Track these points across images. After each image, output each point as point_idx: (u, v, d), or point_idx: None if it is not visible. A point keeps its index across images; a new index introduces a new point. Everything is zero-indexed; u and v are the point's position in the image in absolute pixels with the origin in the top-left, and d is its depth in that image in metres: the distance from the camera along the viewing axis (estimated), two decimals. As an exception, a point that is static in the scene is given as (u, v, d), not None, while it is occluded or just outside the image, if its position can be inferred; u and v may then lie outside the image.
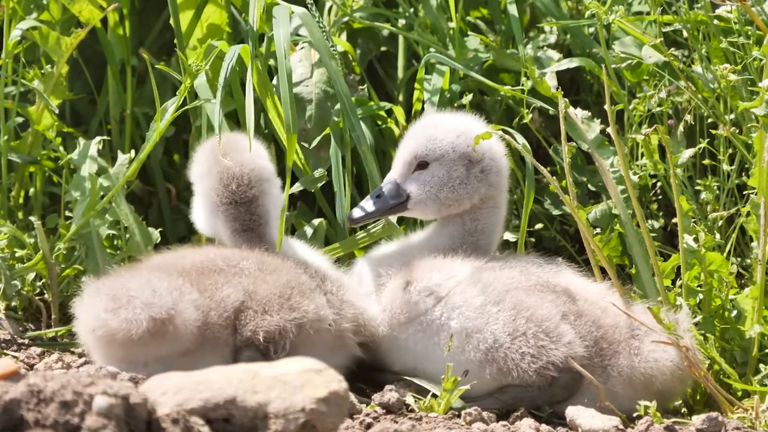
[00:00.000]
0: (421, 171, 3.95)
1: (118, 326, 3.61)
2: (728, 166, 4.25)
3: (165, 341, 3.63)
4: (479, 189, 3.95)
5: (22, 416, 2.73)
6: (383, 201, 3.96)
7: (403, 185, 3.97)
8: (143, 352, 3.66)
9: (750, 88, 4.14)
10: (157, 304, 3.61)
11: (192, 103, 4.19)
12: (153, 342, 3.62)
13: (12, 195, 4.63)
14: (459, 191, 3.94)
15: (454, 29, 4.62)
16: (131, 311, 3.60)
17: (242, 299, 3.73)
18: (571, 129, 4.16)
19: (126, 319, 3.60)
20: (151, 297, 3.62)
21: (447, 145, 3.93)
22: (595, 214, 4.26)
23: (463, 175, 3.94)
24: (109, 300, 3.64)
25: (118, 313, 3.61)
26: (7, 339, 4.18)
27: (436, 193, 3.94)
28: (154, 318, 3.60)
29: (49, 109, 4.47)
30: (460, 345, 3.81)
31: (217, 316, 3.71)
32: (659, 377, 3.80)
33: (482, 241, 3.99)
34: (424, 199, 3.95)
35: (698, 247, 3.94)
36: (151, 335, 3.61)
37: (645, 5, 4.53)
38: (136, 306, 3.61)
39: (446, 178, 3.94)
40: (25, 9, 4.59)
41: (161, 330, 3.61)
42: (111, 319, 3.61)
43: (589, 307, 3.84)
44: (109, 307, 3.63)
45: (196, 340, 3.68)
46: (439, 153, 3.94)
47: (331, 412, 2.90)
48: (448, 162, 3.94)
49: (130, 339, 3.61)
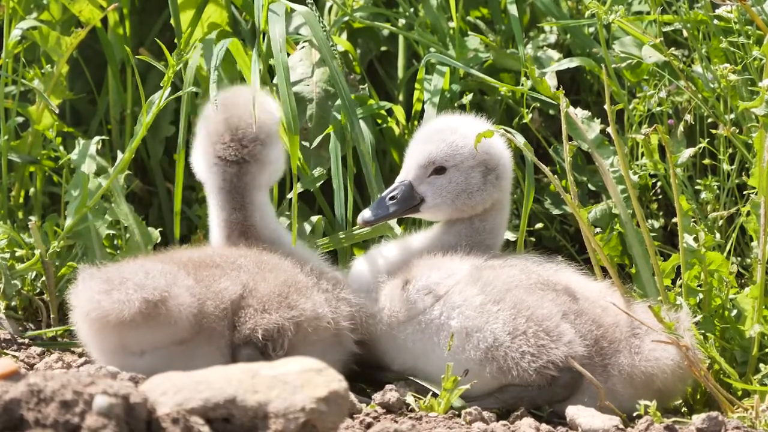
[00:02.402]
0: (438, 176, 3.94)
1: (110, 307, 3.60)
2: (728, 166, 4.25)
3: (158, 325, 3.63)
4: (493, 194, 3.97)
5: (22, 416, 2.73)
6: (397, 203, 3.95)
7: (417, 188, 3.96)
8: (137, 339, 3.65)
9: (750, 87, 4.14)
10: (150, 286, 3.61)
11: (175, 94, 4.17)
12: (146, 325, 3.62)
13: (12, 195, 4.63)
14: (475, 197, 3.94)
15: (454, 29, 4.62)
16: (124, 292, 3.60)
17: (240, 293, 3.73)
18: (571, 129, 4.16)
19: (118, 300, 3.60)
20: (144, 279, 3.63)
21: (467, 152, 3.93)
22: (595, 213, 4.26)
23: (480, 181, 3.94)
24: (102, 282, 3.65)
25: (110, 294, 3.61)
26: (7, 339, 4.18)
27: (453, 199, 3.94)
28: (146, 299, 3.60)
29: (49, 108, 4.47)
30: (460, 344, 3.81)
31: (213, 307, 3.70)
32: (660, 376, 3.80)
33: (489, 241, 4.00)
34: (439, 204, 3.94)
35: (698, 247, 3.94)
36: (144, 317, 3.60)
37: (645, 5, 4.53)
38: (129, 287, 3.61)
39: (464, 185, 3.93)
40: (25, 9, 4.59)
41: (154, 312, 3.60)
42: (104, 300, 3.62)
43: (589, 305, 3.84)
44: (102, 288, 3.63)
45: (192, 329, 3.67)
46: (458, 160, 3.93)
47: (332, 411, 2.90)
48: (466, 168, 3.94)
49: (122, 321, 3.60)
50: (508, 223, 4.09)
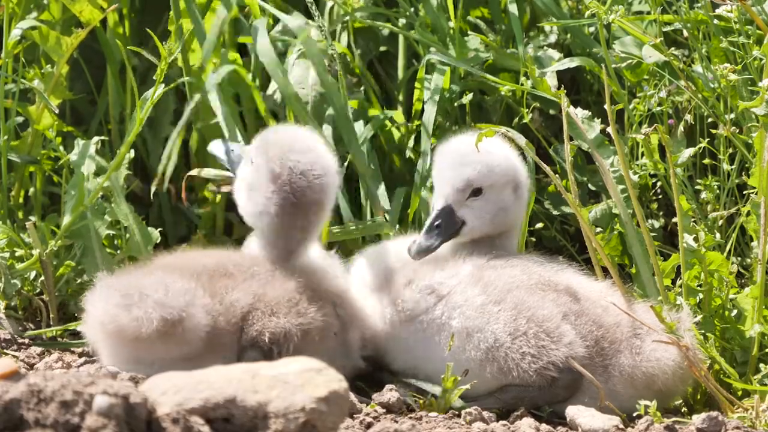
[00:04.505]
0: (475, 198, 3.94)
1: (128, 323, 3.61)
2: (728, 166, 4.25)
3: (173, 343, 3.63)
4: (523, 208, 4.00)
5: (22, 416, 2.73)
6: (443, 232, 3.92)
7: (457, 212, 3.95)
8: (150, 353, 3.66)
9: (750, 87, 4.14)
10: (170, 305, 3.61)
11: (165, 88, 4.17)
12: (160, 342, 3.62)
13: (12, 195, 4.63)
14: (510, 215, 3.96)
15: (454, 29, 4.62)
16: (143, 310, 3.60)
17: (251, 302, 3.73)
18: (572, 128, 4.16)
19: (137, 317, 3.60)
20: (164, 297, 3.62)
21: (500, 171, 3.93)
22: (595, 213, 4.26)
23: (512, 198, 3.95)
24: (121, 296, 3.64)
25: (130, 310, 3.61)
26: (7, 338, 4.18)
27: (491, 219, 3.94)
28: (165, 318, 3.60)
29: (49, 108, 4.47)
30: (460, 344, 3.81)
31: (225, 322, 3.71)
32: (661, 376, 3.80)
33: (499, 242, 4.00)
34: (479, 225, 3.94)
35: (698, 247, 3.94)
36: (160, 335, 3.61)
37: (645, 5, 4.53)
38: (149, 305, 3.61)
39: (500, 203, 3.94)
40: (25, 9, 4.59)
41: (171, 331, 3.61)
42: (122, 315, 3.62)
43: (590, 306, 3.84)
44: (121, 303, 3.63)
45: (203, 345, 3.68)
46: (493, 180, 3.93)
47: (332, 411, 2.90)
48: (499, 187, 3.94)
49: (139, 337, 3.61)
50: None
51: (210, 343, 3.69)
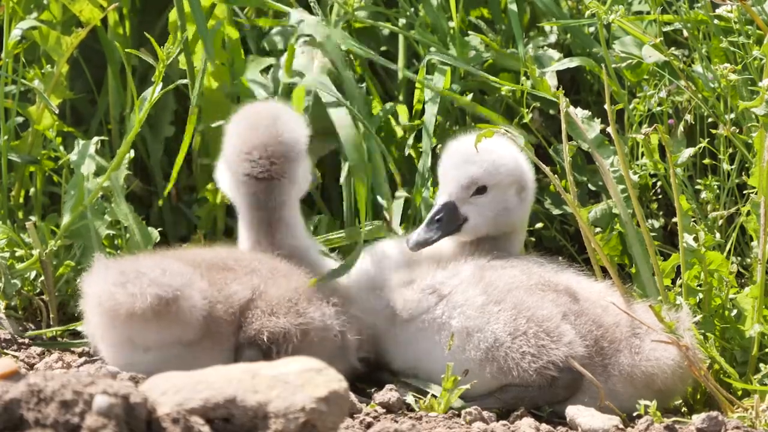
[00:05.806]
0: (479, 195, 3.94)
1: (123, 299, 3.62)
2: (728, 166, 4.25)
3: (168, 323, 3.64)
4: (527, 212, 4.01)
5: (22, 416, 2.73)
6: (443, 227, 3.93)
7: (460, 209, 3.95)
8: (145, 334, 3.66)
9: (750, 87, 4.14)
10: (165, 283, 3.63)
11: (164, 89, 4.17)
12: (156, 322, 3.63)
13: (12, 195, 4.63)
14: (513, 215, 3.96)
15: (454, 29, 4.62)
16: (138, 286, 3.61)
17: (250, 296, 3.73)
18: (572, 128, 4.16)
19: (132, 293, 3.62)
20: (161, 276, 3.64)
21: (506, 171, 3.94)
22: (595, 213, 4.26)
23: (516, 199, 3.95)
24: (117, 274, 3.66)
25: (125, 287, 3.63)
26: (7, 338, 4.18)
27: (494, 218, 3.95)
28: (159, 295, 3.61)
29: (49, 108, 4.47)
30: (460, 344, 3.81)
31: (223, 311, 3.71)
32: (660, 376, 3.81)
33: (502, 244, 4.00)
34: (481, 223, 3.95)
35: (698, 247, 3.94)
36: (155, 313, 3.62)
37: (645, 5, 4.53)
38: (144, 282, 3.62)
39: (504, 203, 3.94)
40: (26, 9, 4.59)
41: (165, 310, 3.62)
42: (118, 291, 3.63)
43: (589, 306, 3.85)
44: (117, 280, 3.65)
45: (200, 331, 3.68)
46: (498, 179, 3.93)
47: (332, 411, 2.90)
48: (504, 187, 3.94)
49: (133, 313, 3.61)
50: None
51: (207, 330, 3.69)
